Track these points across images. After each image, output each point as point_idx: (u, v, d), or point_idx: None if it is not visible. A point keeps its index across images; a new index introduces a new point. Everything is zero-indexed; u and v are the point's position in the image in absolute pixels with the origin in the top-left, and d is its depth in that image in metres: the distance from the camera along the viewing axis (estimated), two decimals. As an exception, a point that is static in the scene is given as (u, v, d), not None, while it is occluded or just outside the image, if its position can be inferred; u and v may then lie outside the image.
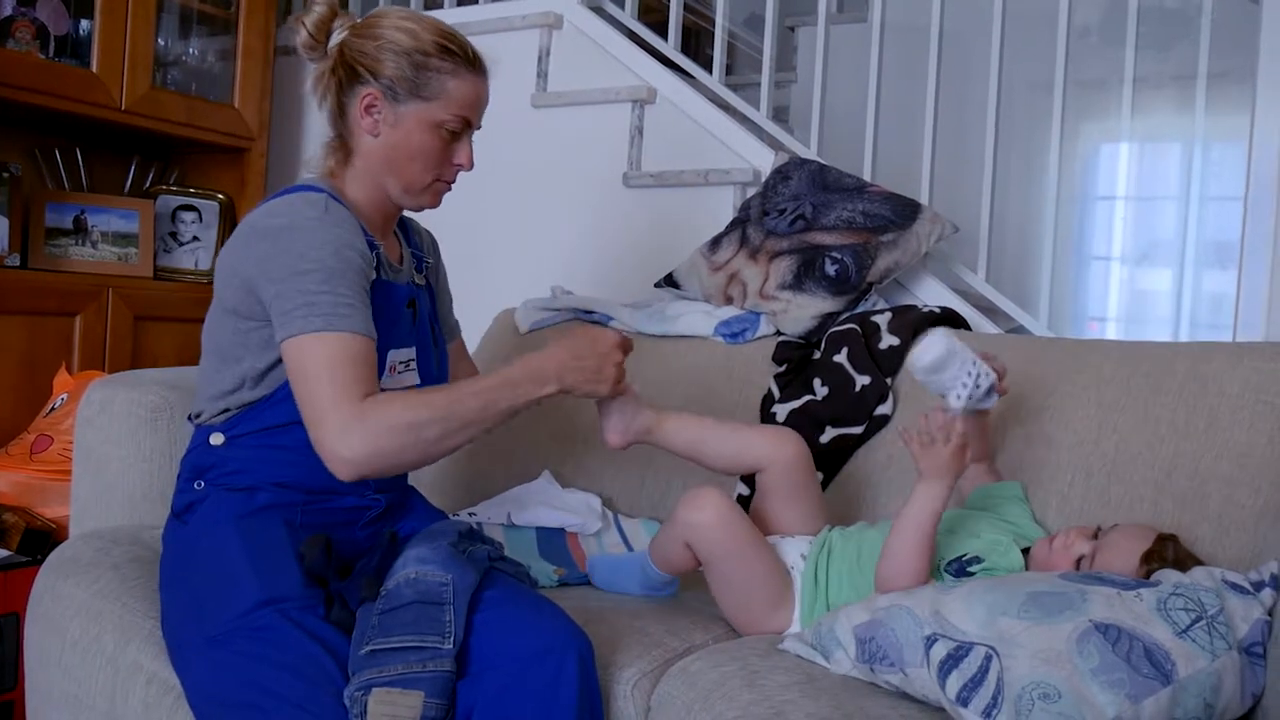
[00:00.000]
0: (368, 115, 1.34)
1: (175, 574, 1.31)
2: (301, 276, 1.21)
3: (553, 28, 2.54)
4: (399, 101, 1.33)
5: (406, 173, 1.36)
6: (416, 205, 1.41)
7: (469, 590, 1.20)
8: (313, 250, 1.23)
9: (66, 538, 1.62)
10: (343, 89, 1.35)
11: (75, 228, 2.51)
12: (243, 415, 1.31)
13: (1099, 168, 3.25)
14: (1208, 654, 1.04)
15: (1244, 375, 1.44)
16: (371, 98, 1.33)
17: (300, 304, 1.21)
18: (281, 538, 1.26)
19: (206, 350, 1.35)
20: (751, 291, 1.94)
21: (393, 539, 1.31)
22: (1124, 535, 1.30)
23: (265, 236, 1.26)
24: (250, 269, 1.26)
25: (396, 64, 1.32)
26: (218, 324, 1.33)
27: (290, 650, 1.16)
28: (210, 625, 1.20)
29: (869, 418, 1.68)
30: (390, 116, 1.34)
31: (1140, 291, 3.18)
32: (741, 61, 3.51)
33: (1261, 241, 1.87)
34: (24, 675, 1.52)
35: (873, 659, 1.17)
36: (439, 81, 1.34)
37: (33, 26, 2.36)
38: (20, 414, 2.27)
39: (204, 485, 1.31)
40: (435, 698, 1.11)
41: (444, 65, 1.34)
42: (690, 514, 1.36)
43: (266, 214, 1.29)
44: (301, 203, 1.28)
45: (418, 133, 1.34)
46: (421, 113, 1.34)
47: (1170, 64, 2.79)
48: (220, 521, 1.28)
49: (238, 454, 1.30)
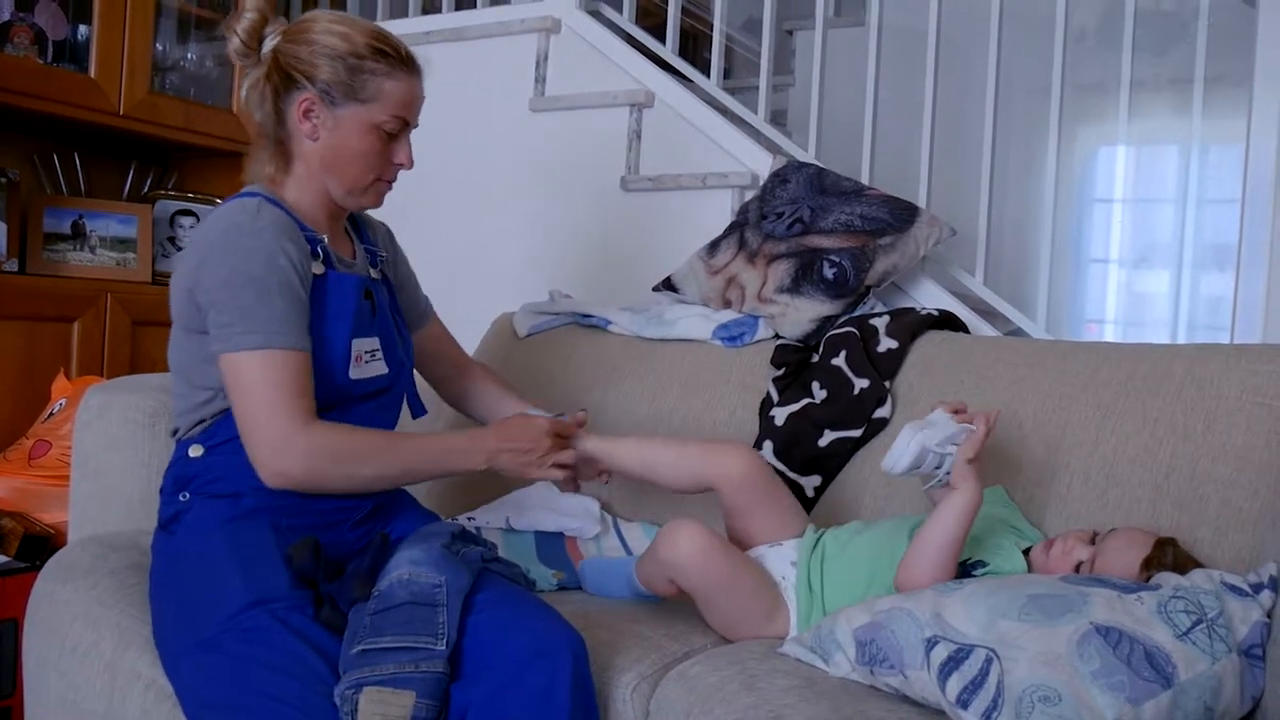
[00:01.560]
0: (306, 120, 1.35)
1: (164, 582, 1.31)
2: (235, 290, 1.25)
3: (550, 32, 2.54)
4: (336, 105, 1.34)
5: (347, 174, 1.38)
6: (358, 205, 1.43)
7: (462, 592, 1.20)
8: (243, 263, 1.25)
9: (65, 543, 1.62)
10: (279, 95, 1.36)
11: (73, 233, 2.51)
12: (218, 424, 1.31)
13: (1096, 170, 3.26)
14: (1208, 657, 1.04)
15: (1242, 377, 1.44)
16: (309, 102, 1.34)
17: (235, 319, 1.24)
18: (268, 540, 1.26)
19: (174, 371, 1.37)
20: (749, 295, 1.94)
21: (384, 540, 1.31)
22: (1123, 540, 1.30)
23: (199, 249, 1.29)
24: (190, 281, 1.29)
25: (331, 68, 1.33)
26: (178, 345, 1.35)
27: (279, 650, 1.16)
28: (200, 629, 1.20)
29: (867, 421, 1.68)
30: (328, 120, 1.35)
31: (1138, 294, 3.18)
32: (739, 65, 3.52)
33: (1259, 244, 1.87)
34: (22, 681, 1.52)
35: (873, 661, 1.16)
36: (375, 83, 1.35)
37: (31, 31, 2.36)
38: (19, 419, 2.27)
39: (188, 496, 1.32)
40: (427, 698, 1.10)
41: (378, 67, 1.35)
42: (666, 553, 1.35)
43: (203, 227, 1.32)
44: (236, 211, 1.30)
45: (356, 135, 1.35)
46: (359, 115, 1.35)
47: (1167, 67, 2.80)
48: (206, 528, 1.28)
49: (218, 461, 1.31)
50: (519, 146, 2.50)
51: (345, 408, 1.34)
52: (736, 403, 1.82)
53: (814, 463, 1.70)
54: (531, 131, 2.50)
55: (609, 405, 1.89)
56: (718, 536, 1.38)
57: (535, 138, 2.49)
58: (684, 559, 1.33)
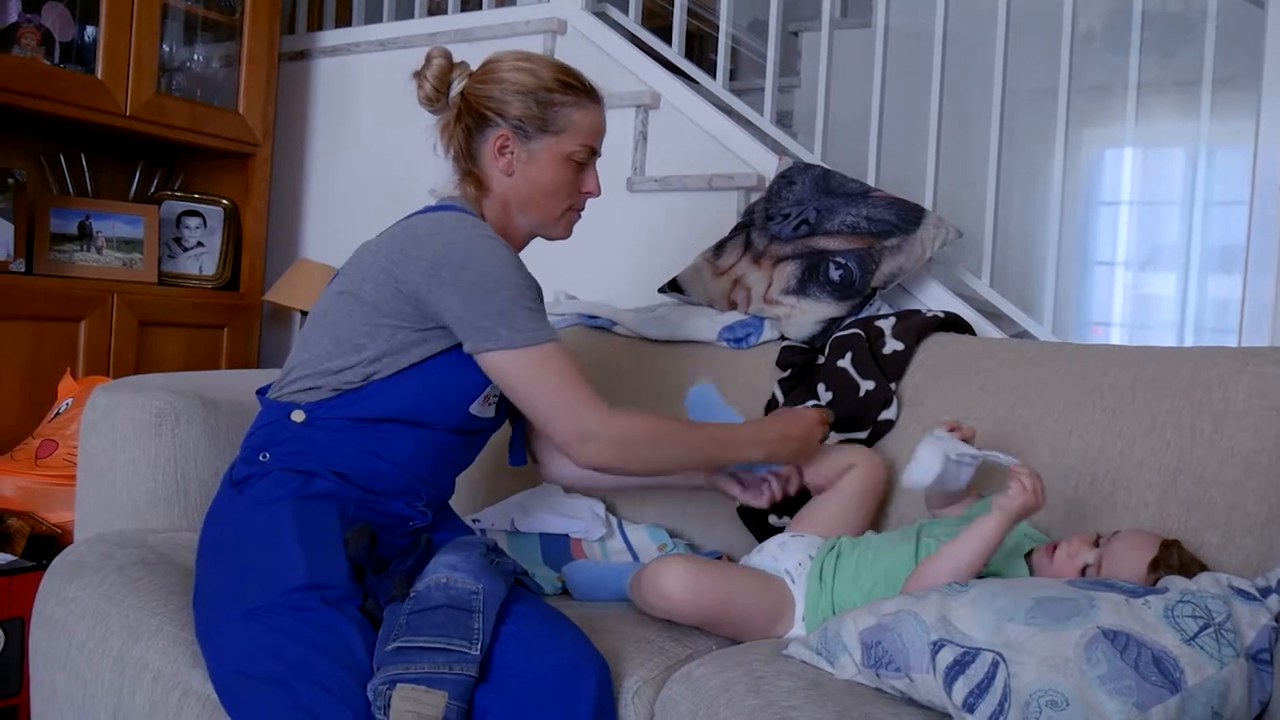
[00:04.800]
0: (501, 156, 1.40)
1: (221, 543, 1.31)
2: (493, 294, 1.29)
3: (557, 33, 2.54)
4: (530, 139, 1.40)
5: (544, 206, 1.44)
6: (551, 236, 1.50)
7: (498, 600, 1.21)
8: (495, 267, 1.30)
9: (72, 542, 1.62)
10: (471, 134, 1.41)
11: (80, 233, 2.52)
12: (335, 400, 1.33)
13: (1103, 173, 3.25)
14: (1216, 661, 1.04)
15: (1249, 380, 1.43)
16: (504, 139, 1.40)
17: (501, 319, 1.28)
18: (334, 526, 1.28)
19: (320, 332, 1.36)
20: (755, 296, 1.94)
21: (429, 544, 1.32)
22: (1128, 542, 1.30)
23: (428, 247, 1.31)
24: (413, 275, 1.30)
25: (523, 103, 1.39)
26: (345, 312, 1.35)
27: (329, 634, 1.17)
28: (251, 598, 1.21)
29: (873, 423, 1.68)
30: (524, 154, 1.40)
31: (1144, 296, 3.17)
32: (745, 66, 3.52)
33: (1266, 246, 1.87)
34: (29, 679, 1.52)
35: (878, 664, 1.16)
36: (565, 115, 1.40)
37: (38, 33, 2.37)
38: (25, 419, 2.27)
39: (269, 458, 1.32)
40: (457, 700, 1.12)
41: (567, 99, 1.40)
42: (658, 601, 1.35)
43: (432, 226, 1.33)
44: (469, 222, 1.34)
45: (551, 167, 1.41)
46: (553, 147, 1.41)
47: (1174, 69, 2.79)
48: (277, 498, 1.29)
49: (314, 435, 1.32)
50: (525, 148, 2.50)
51: (437, 432, 1.37)
52: (742, 405, 1.81)
53: (819, 465, 1.69)
54: (537, 133, 2.50)
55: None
56: (703, 564, 1.39)
57: (541, 139, 2.49)
58: (675, 605, 1.34)
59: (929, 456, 1.36)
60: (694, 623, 1.38)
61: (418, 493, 1.38)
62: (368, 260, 1.36)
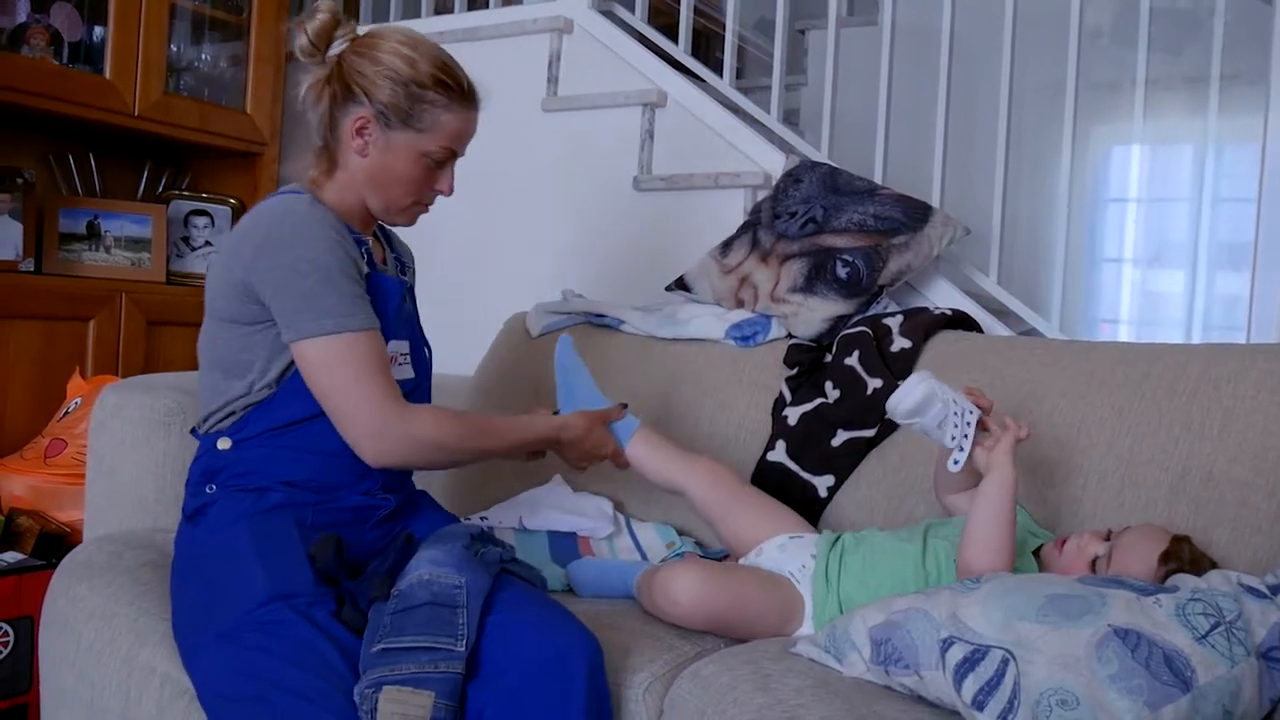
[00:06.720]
0: (358, 136, 1.36)
1: (186, 573, 1.32)
2: (302, 277, 1.25)
3: (563, 32, 2.54)
4: (390, 128, 1.35)
5: (389, 194, 1.39)
6: (391, 223, 1.46)
7: (482, 594, 1.20)
8: (307, 249, 1.27)
9: (81, 541, 1.63)
10: (335, 103, 1.36)
11: (88, 233, 2.52)
12: (248, 417, 1.32)
13: (1111, 170, 3.24)
14: (1227, 660, 1.04)
15: (1258, 377, 1.43)
16: (364, 120, 1.35)
17: (305, 305, 1.25)
18: (292, 536, 1.27)
19: (208, 365, 1.36)
20: (763, 294, 1.94)
21: (409, 541, 1.32)
22: (1138, 536, 1.30)
23: (249, 239, 1.30)
24: (241, 273, 1.28)
25: (392, 91, 1.33)
26: (213, 336, 1.35)
27: (298, 645, 1.17)
28: (220, 621, 1.21)
29: (881, 420, 1.68)
30: (380, 141, 1.36)
31: (1152, 293, 3.16)
32: (752, 65, 3.51)
33: (1275, 243, 1.86)
34: (38, 678, 1.53)
35: (888, 661, 1.16)
36: (432, 114, 1.36)
37: (47, 33, 2.37)
38: (34, 418, 2.28)
39: (215, 489, 1.32)
40: (445, 699, 1.11)
41: (438, 99, 1.35)
42: (668, 608, 1.36)
43: (255, 219, 1.32)
44: (290, 202, 1.32)
45: (406, 161, 1.37)
46: (411, 142, 1.36)
47: (1182, 65, 2.77)
48: (230, 521, 1.29)
49: (246, 455, 1.32)
50: (531, 146, 2.50)
51: None
52: (749, 402, 1.81)
53: (827, 462, 1.69)
54: (544, 131, 2.50)
55: (622, 405, 1.88)
56: (711, 570, 1.39)
57: (548, 138, 2.50)
58: (685, 613, 1.35)
59: (914, 383, 1.31)
60: (704, 629, 1.38)
61: (372, 477, 1.36)
62: (213, 275, 1.35)
